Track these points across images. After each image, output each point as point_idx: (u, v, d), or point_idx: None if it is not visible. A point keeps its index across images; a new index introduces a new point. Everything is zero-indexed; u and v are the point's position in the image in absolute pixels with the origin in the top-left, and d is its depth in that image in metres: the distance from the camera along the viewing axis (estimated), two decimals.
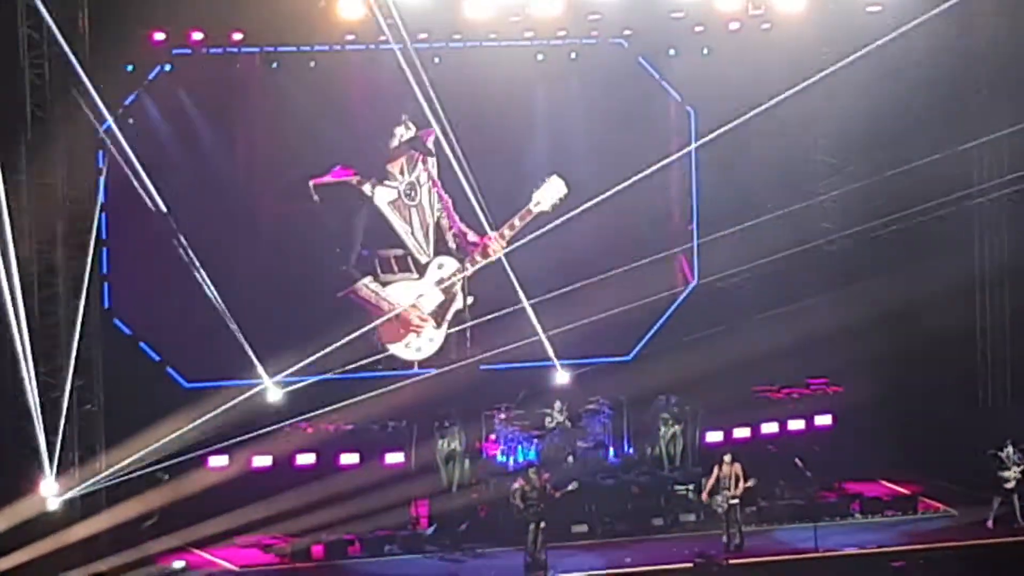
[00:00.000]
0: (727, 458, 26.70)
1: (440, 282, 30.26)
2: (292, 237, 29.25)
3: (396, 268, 30.15)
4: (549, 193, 29.60)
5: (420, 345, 30.27)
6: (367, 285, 29.81)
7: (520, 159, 30.37)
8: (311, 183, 29.07)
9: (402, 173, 29.88)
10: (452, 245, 30.39)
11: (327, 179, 29.23)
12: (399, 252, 30.15)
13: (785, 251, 29.11)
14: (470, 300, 30.26)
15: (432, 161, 29.88)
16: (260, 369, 25.58)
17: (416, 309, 30.14)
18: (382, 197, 29.80)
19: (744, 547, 26.34)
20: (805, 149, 30.78)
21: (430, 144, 29.49)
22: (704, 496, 26.85)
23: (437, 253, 30.37)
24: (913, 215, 28.64)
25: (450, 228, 30.31)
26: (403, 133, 29.49)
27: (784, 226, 29.07)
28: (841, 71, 24.28)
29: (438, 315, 30.29)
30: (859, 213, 30.16)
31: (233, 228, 28.86)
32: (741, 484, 26.49)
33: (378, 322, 28.90)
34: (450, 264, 30.33)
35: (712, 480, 26.69)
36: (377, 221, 29.96)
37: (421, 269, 30.27)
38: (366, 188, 29.71)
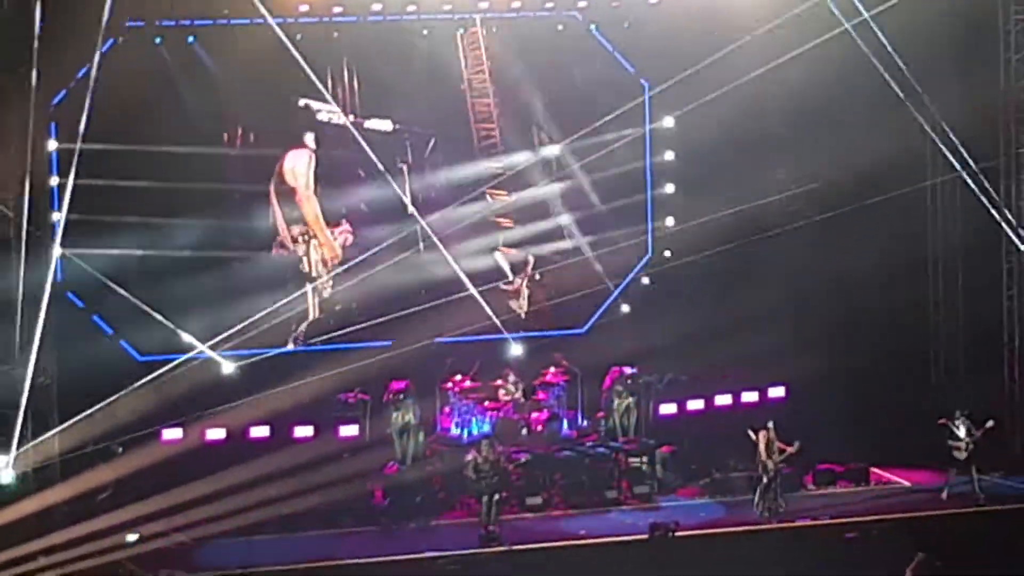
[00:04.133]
0: (770, 424, 26.70)
1: None
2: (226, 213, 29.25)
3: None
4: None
5: None
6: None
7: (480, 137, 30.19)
8: None
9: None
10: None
11: None
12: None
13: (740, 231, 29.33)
14: None
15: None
16: (207, 343, 25.41)
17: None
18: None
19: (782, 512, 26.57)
20: (760, 124, 30.71)
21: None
22: (766, 460, 26.59)
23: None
24: (867, 194, 28.66)
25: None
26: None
27: (739, 202, 29.22)
28: (793, 45, 24.39)
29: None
30: (812, 192, 30.25)
31: (183, 202, 28.76)
32: (787, 449, 26.58)
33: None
34: None
35: (762, 446, 26.62)
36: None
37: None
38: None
